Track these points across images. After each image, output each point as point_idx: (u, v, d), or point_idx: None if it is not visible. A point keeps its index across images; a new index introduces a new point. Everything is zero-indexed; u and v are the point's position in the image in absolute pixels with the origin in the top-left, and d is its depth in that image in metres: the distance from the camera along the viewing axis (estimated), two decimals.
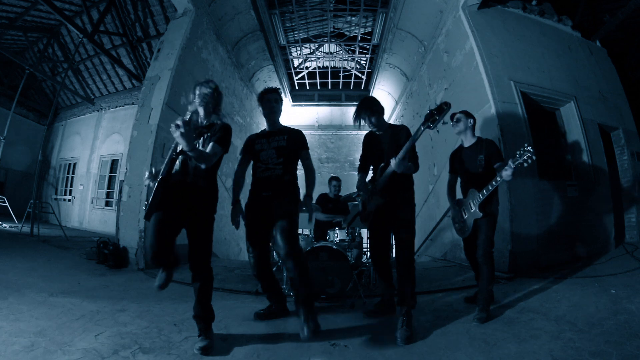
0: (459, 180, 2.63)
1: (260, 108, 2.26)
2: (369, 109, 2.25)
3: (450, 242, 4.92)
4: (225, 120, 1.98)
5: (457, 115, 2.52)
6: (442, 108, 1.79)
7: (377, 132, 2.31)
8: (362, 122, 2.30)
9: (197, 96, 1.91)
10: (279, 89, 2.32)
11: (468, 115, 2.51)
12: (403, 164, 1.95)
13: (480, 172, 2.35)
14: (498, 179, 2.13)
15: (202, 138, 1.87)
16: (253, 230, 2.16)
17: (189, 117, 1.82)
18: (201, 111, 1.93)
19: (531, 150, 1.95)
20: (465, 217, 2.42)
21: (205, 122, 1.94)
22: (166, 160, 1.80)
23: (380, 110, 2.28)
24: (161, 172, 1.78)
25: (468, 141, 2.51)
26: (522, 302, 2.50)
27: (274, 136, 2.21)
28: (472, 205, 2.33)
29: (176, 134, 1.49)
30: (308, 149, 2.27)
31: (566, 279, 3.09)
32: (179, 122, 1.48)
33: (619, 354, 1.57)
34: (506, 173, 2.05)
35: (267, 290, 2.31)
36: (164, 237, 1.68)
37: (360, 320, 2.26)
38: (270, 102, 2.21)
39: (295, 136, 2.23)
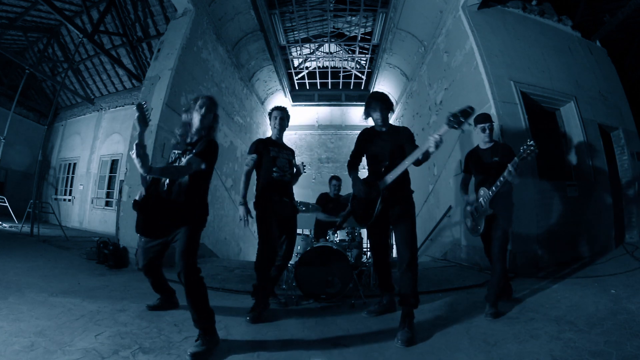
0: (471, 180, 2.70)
1: (270, 121, 2.71)
2: (384, 101, 2.24)
3: (450, 242, 4.92)
4: (213, 136, 1.98)
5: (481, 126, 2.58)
6: (468, 112, 1.80)
7: (380, 130, 2.29)
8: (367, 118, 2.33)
9: (195, 112, 1.91)
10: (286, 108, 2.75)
11: (487, 119, 2.58)
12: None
13: (493, 174, 2.37)
14: (502, 178, 2.23)
15: (185, 155, 1.86)
16: (272, 228, 2.41)
17: (139, 140, 1.61)
18: (194, 128, 1.92)
19: (533, 144, 2.07)
20: (477, 216, 2.49)
21: (194, 139, 1.92)
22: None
23: (391, 106, 2.28)
24: (142, 191, 1.85)
25: (485, 144, 2.59)
26: (522, 302, 2.50)
27: (282, 149, 2.67)
28: (482, 203, 2.41)
29: (132, 157, 1.59)
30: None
31: (566, 279, 3.10)
32: (133, 145, 1.57)
33: (619, 354, 1.57)
34: (507, 171, 2.18)
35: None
36: (148, 257, 2.05)
37: (360, 321, 2.26)
38: (284, 121, 2.68)
39: (294, 155, 2.80)
